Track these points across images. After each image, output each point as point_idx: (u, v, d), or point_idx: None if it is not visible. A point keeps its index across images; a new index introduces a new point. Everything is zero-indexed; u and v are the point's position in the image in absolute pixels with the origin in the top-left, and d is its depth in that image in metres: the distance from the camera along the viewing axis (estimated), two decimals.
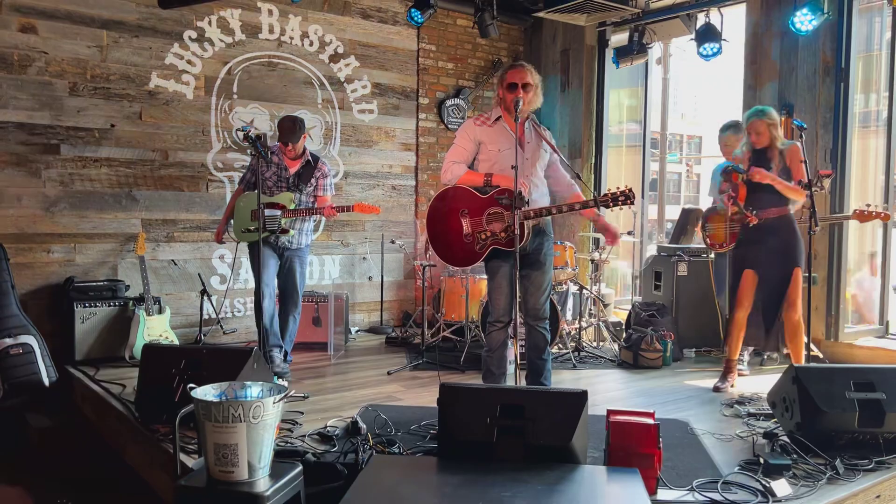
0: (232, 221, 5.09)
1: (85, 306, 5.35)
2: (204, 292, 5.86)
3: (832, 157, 5.66)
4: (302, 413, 4.15)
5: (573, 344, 5.89)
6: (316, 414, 4.13)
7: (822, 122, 5.74)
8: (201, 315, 5.88)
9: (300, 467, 2.59)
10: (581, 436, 2.93)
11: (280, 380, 4.72)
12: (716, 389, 4.77)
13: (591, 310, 6.38)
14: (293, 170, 5.01)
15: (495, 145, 3.97)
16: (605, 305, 6.68)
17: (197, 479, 2.42)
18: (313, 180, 5.02)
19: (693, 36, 6.20)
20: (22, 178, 5.33)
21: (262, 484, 2.37)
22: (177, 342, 5.51)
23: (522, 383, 4.01)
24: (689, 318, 6.01)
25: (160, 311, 5.54)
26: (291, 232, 4.91)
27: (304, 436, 3.69)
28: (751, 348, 5.37)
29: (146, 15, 5.72)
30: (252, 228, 4.83)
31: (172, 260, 6.00)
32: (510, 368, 4.73)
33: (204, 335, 5.87)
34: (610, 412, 3.16)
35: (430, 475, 2.77)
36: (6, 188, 5.27)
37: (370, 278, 7.04)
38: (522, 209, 3.82)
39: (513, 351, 4.78)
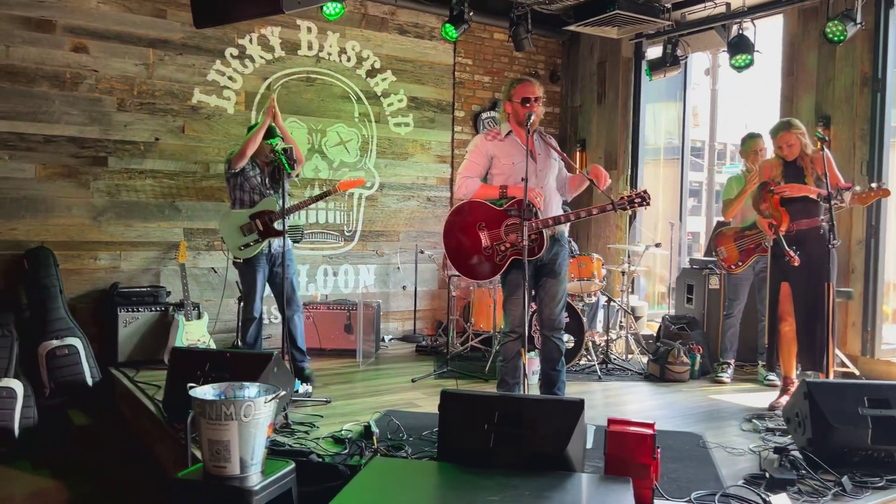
0: (224, 238, 5.12)
1: (127, 311, 5.63)
2: (241, 299, 6.06)
3: (869, 170, 5.54)
4: (321, 416, 4.29)
5: (601, 356, 5.89)
6: (335, 418, 4.26)
7: (860, 134, 5.63)
8: (238, 321, 6.08)
9: (292, 465, 2.71)
10: (577, 444, 2.98)
11: (306, 384, 4.87)
12: (771, 408, 4.63)
13: (621, 322, 6.36)
14: (266, 170, 5.07)
15: (509, 159, 4.05)
16: (637, 318, 6.65)
17: (194, 474, 2.57)
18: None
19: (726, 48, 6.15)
20: (72, 188, 5.65)
21: (253, 479, 2.50)
22: (214, 347, 5.73)
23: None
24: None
25: (199, 317, 5.77)
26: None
27: (318, 438, 3.82)
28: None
29: (190, 34, 6.01)
30: (251, 242, 4.95)
31: (213, 268, 6.24)
32: (533, 379, 4.79)
33: (241, 341, 6.06)
34: (610, 421, 3.20)
35: (423, 478, 2.86)
36: (58, 198, 5.60)
37: (404, 288, 7.17)
38: (537, 219, 3.91)
39: (534, 362, 4.87)
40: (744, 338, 5.70)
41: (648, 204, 3.86)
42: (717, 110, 12.78)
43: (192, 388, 2.61)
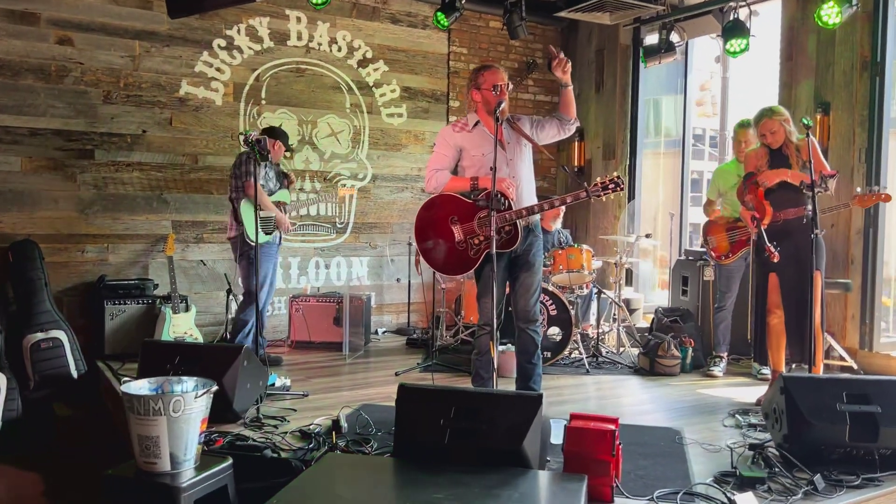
0: (245, 220, 5.21)
1: (114, 304, 5.62)
2: (230, 292, 6.05)
3: (867, 157, 5.37)
4: (295, 410, 4.24)
5: (592, 349, 5.78)
6: (308, 412, 4.21)
7: (859, 121, 5.44)
8: (227, 314, 6.07)
9: (229, 461, 2.65)
10: (534, 440, 2.89)
11: (283, 379, 4.82)
12: (758, 402, 4.49)
13: (614, 315, 6.24)
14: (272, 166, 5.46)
15: (478, 150, 3.95)
16: (633, 311, 6.53)
17: (126, 470, 2.53)
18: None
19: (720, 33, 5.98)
20: (59, 181, 5.65)
21: (184, 476, 2.44)
22: (201, 339, 5.71)
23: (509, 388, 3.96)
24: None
25: (186, 310, 5.74)
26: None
27: (286, 433, 3.76)
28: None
29: (177, 25, 5.97)
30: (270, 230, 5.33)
31: (202, 260, 6.23)
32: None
33: (229, 333, 6.04)
34: (572, 416, 3.11)
35: (374, 474, 2.79)
36: (44, 191, 5.60)
37: (398, 280, 7.10)
38: (510, 210, 3.81)
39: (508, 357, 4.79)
40: (739, 331, 5.56)
41: (622, 189, 3.78)
42: (727, 98, 12.56)
43: (125, 382, 2.56)
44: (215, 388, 2.60)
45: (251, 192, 5.10)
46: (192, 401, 2.47)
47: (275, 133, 5.50)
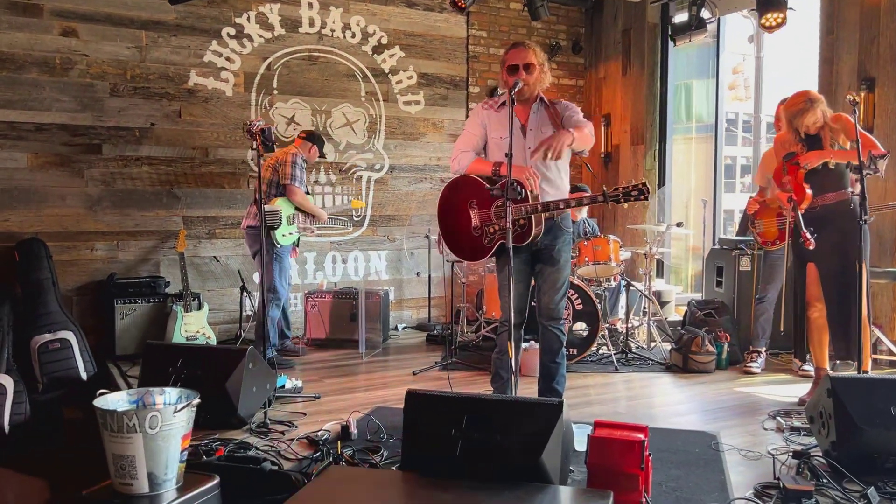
0: (277, 232, 5.08)
1: (124, 302, 5.46)
2: (243, 289, 5.86)
3: None
4: (304, 414, 4.03)
5: (621, 345, 5.48)
6: (319, 416, 3.99)
7: None
8: (241, 312, 5.89)
9: (216, 480, 2.42)
10: (554, 451, 2.62)
11: (294, 380, 4.60)
12: (801, 403, 4.18)
13: (644, 308, 5.93)
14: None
15: (497, 132, 3.68)
16: (664, 304, 6.21)
17: (102, 491, 2.31)
18: None
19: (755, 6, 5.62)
20: (65, 177, 5.49)
21: (164, 498, 2.22)
22: (214, 338, 5.53)
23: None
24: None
25: (199, 308, 5.56)
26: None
27: (293, 440, 3.55)
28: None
29: (184, 14, 5.77)
30: (294, 231, 5.29)
31: (214, 256, 6.04)
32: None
33: (244, 331, 5.87)
34: (597, 424, 2.84)
35: (377, 491, 2.55)
36: (50, 188, 5.45)
37: (418, 274, 6.86)
38: (525, 202, 3.53)
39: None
40: (776, 324, 5.22)
41: (646, 198, 3.40)
42: (762, 80, 12.08)
43: (101, 394, 2.35)
44: (197, 400, 2.37)
45: (296, 199, 5.16)
46: (170, 416, 2.25)
47: (313, 137, 5.46)
